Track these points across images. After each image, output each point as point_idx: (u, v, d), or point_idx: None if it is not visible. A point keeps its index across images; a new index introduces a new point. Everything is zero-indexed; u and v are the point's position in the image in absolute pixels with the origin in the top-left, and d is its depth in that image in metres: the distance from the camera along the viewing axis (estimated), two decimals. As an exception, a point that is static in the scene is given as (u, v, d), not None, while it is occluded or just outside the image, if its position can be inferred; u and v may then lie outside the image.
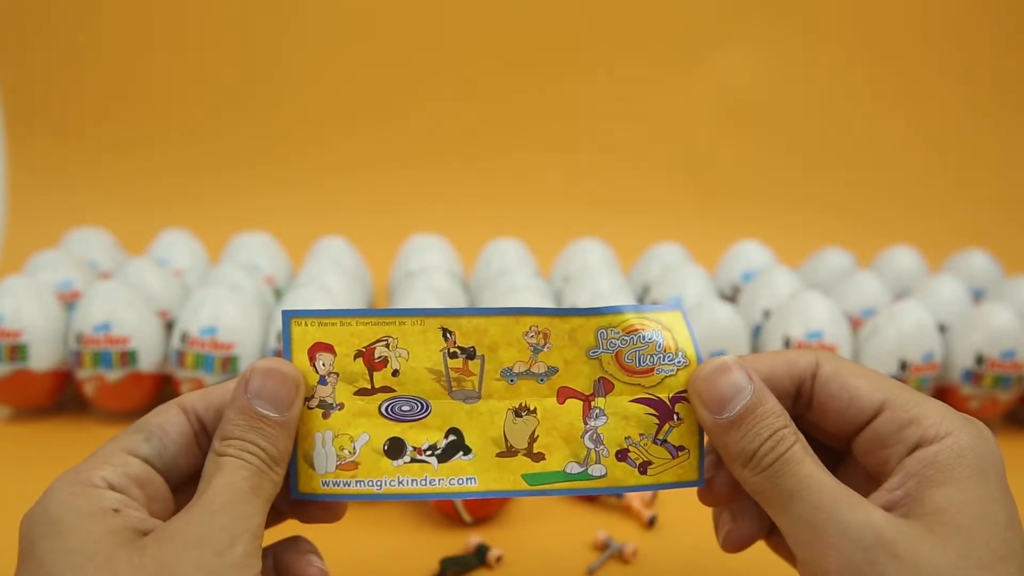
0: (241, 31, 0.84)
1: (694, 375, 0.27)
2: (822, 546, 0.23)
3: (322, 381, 0.26)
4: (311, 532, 0.39)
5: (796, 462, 0.24)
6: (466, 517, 0.39)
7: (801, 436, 0.25)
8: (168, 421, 0.26)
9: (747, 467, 0.25)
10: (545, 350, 0.27)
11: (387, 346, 0.26)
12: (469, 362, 0.27)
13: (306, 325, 0.26)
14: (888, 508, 0.24)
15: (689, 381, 0.27)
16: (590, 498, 0.42)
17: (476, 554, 0.37)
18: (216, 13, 0.83)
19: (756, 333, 0.53)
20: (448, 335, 0.27)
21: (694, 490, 0.42)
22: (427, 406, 0.27)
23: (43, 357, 0.48)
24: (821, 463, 0.25)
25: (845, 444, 0.27)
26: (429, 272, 0.55)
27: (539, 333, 0.27)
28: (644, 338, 0.27)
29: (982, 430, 0.25)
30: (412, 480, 0.26)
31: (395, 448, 0.26)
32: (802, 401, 0.28)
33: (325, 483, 0.26)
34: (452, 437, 0.27)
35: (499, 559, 0.37)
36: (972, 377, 0.50)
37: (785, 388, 0.27)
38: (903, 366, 0.49)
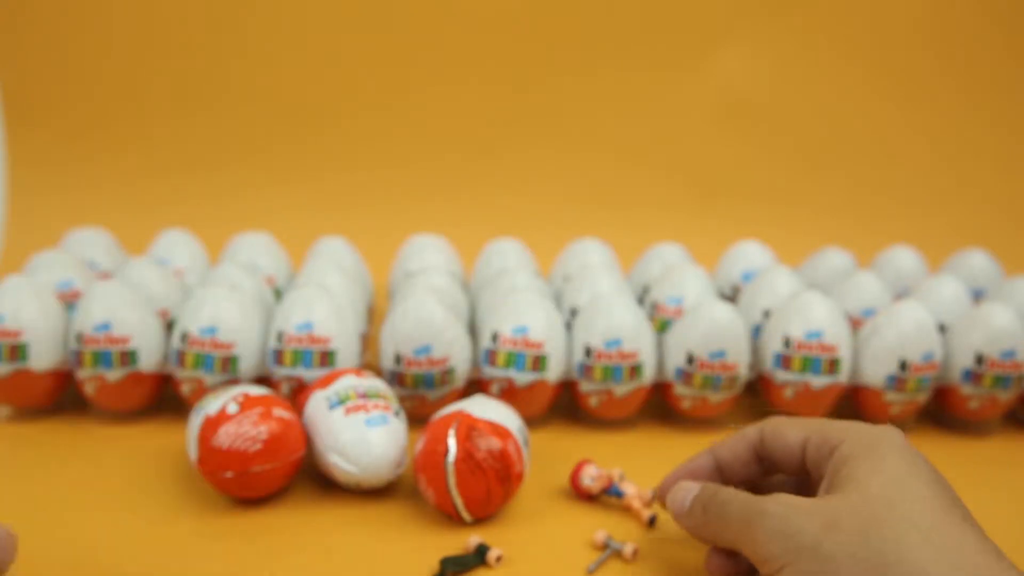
0: (241, 31, 0.84)
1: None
2: (753, 532, 0.30)
3: None
4: (308, 530, 0.39)
5: (722, 493, 0.33)
6: (466, 517, 0.39)
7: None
8: None
9: (699, 521, 0.34)
10: None
11: None
12: None
13: None
14: None
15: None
16: (590, 497, 0.42)
17: (476, 554, 0.37)
18: (216, 13, 0.83)
19: (756, 333, 0.53)
20: None
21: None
22: None
23: (43, 357, 0.48)
24: (746, 492, 0.33)
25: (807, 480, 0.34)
26: (429, 272, 0.55)
27: None
28: None
29: (884, 429, 0.32)
30: None
31: None
32: (765, 461, 0.36)
33: None
34: None
35: (499, 559, 0.37)
36: (972, 377, 0.50)
37: (745, 458, 0.36)
38: (903, 366, 0.49)
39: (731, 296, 0.61)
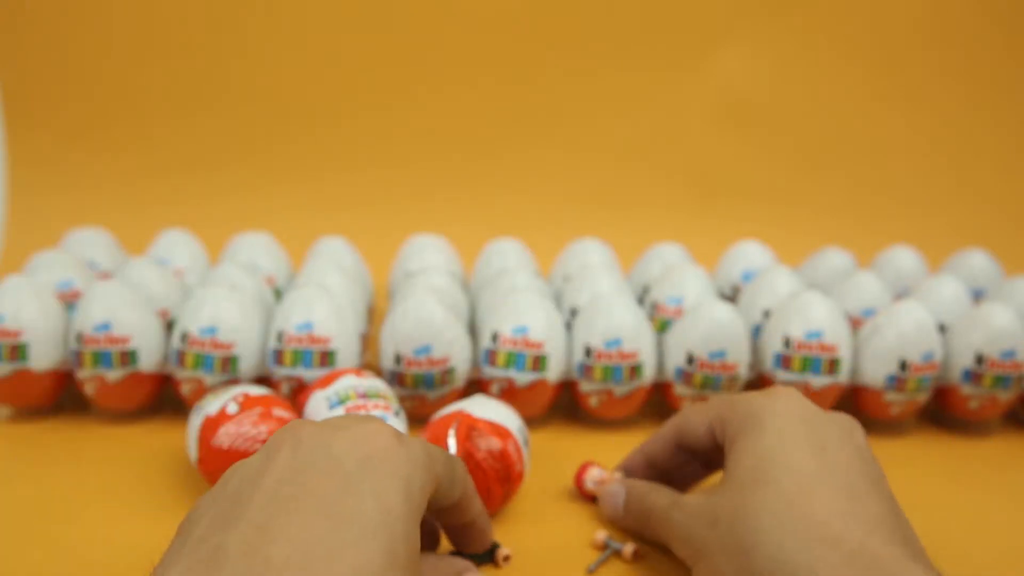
0: (241, 31, 0.84)
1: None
2: (669, 540, 0.34)
3: None
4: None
5: (645, 500, 0.37)
6: (466, 517, 0.39)
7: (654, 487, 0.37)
8: None
9: (633, 526, 0.38)
10: None
11: None
12: None
13: None
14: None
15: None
16: (591, 497, 0.42)
17: (486, 552, 0.36)
18: (216, 13, 0.83)
19: (756, 333, 0.53)
20: None
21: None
22: None
23: (43, 357, 0.48)
24: (666, 493, 0.36)
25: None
26: (429, 272, 0.55)
27: None
28: None
29: (769, 396, 0.34)
30: None
31: None
32: (685, 450, 0.38)
33: None
34: None
35: (507, 558, 0.37)
36: (972, 377, 0.50)
37: (671, 451, 0.39)
38: (903, 366, 0.49)
39: (731, 296, 0.61)
